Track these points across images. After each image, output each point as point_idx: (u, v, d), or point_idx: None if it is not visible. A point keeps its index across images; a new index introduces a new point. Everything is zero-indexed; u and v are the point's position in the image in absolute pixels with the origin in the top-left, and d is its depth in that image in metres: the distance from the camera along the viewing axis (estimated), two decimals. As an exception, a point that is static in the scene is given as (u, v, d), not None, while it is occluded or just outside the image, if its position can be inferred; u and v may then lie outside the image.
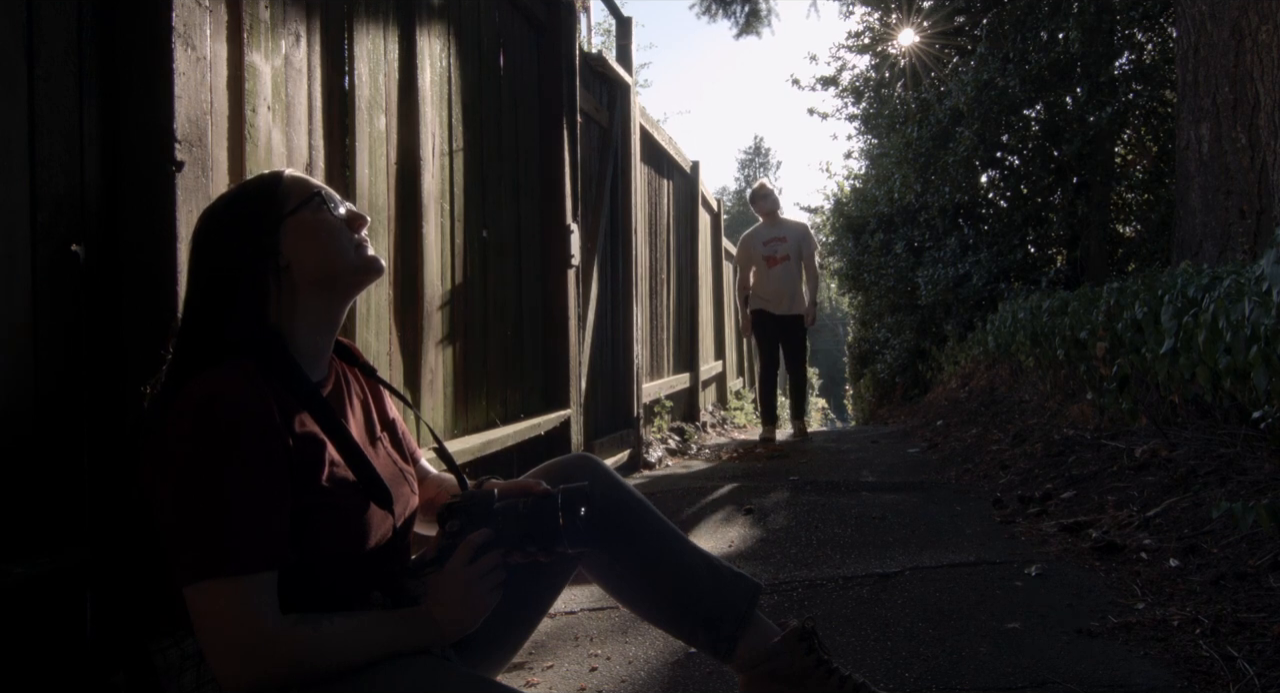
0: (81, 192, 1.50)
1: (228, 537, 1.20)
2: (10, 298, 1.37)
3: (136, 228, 1.57)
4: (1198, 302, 3.05)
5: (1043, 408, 5.19)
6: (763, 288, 7.01)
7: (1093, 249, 8.73)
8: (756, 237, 7.15)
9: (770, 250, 7.00)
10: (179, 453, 1.23)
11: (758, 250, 7.07)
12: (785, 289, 6.91)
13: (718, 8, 11.17)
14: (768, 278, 6.98)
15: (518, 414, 3.68)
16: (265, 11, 2.05)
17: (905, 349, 10.83)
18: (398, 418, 1.66)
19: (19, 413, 1.38)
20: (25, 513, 1.39)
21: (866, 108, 11.60)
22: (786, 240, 6.99)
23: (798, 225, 7.15)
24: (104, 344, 1.53)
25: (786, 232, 7.05)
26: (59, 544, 1.44)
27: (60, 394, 1.45)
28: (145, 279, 1.55)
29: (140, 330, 1.54)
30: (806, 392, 7.30)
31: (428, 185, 2.89)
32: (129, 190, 1.57)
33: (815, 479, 4.57)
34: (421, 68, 2.88)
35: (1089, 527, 3.00)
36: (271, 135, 2.06)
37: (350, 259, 1.42)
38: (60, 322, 1.46)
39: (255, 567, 1.21)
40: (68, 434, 1.47)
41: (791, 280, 6.92)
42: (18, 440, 1.38)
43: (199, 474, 1.21)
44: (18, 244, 1.38)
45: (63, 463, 1.46)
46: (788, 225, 7.11)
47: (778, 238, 7.01)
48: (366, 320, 2.47)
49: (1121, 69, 8.63)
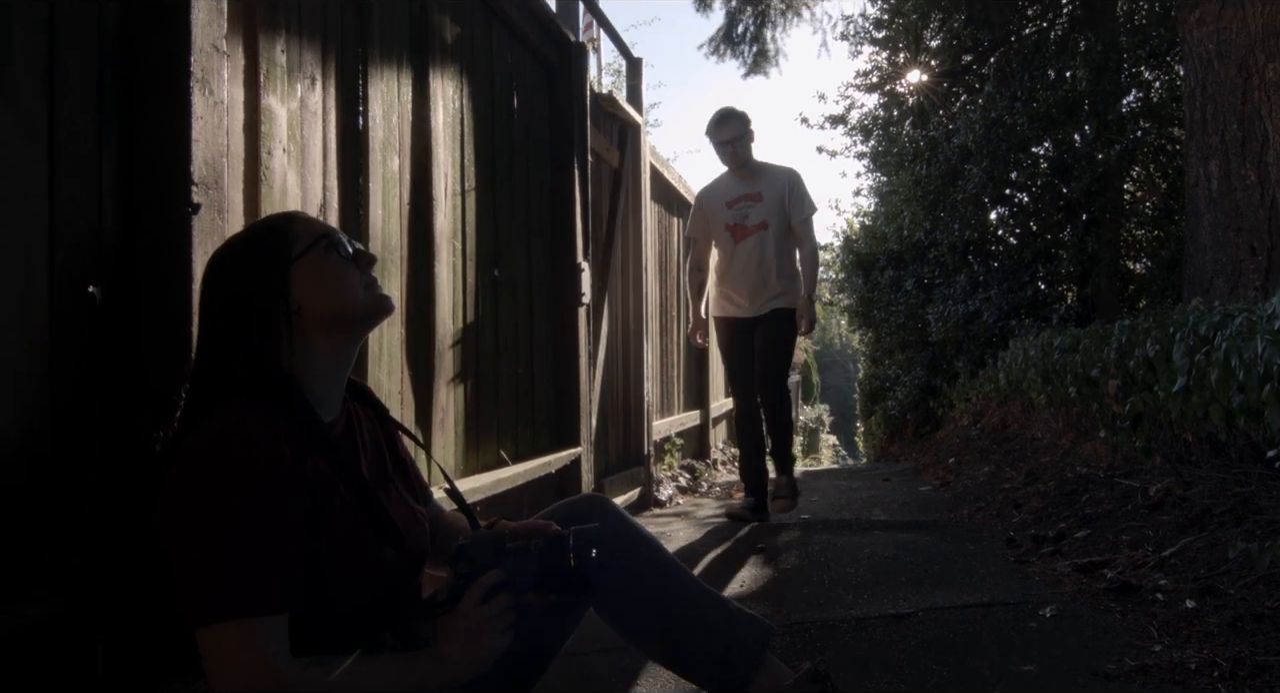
0: (99, 233, 1.52)
1: (238, 579, 1.20)
2: (27, 339, 1.38)
3: (152, 270, 1.58)
4: (1210, 339, 3.04)
5: (1055, 446, 5.16)
6: (726, 276, 4.61)
7: (1103, 286, 8.72)
8: (716, 194, 4.67)
9: (737, 215, 4.55)
10: (190, 494, 1.23)
11: (718, 215, 4.60)
12: (760, 276, 4.51)
13: (726, 48, 11.30)
14: (733, 260, 4.56)
15: (529, 452, 3.68)
16: (281, 56, 2.08)
17: (916, 386, 10.79)
18: (409, 457, 1.66)
19: (33, 454, 1.39)
20: (37, 552, 1.40)
21: (875, 146, 11.66)
22: (762, 199, 4.52)
23: (781, 172, 4.61)
24: (119, 385, 1.54)
25: (763, 185, 4.55)
26: (71, 584, 1.44)
27: (73, 435, 1.46)
28: (161, 321, 1.56)
29: (154, 372, 1.55)
30: (791, 425, 4.72)
31: (440, 225, 2.91)
32: (145, 232, 1.59)
33: (827, 518, 4.54)
34: (434, 109, 2.91)
35: (1104, 567, 2.97)
36: (287, 177, 2.08)
37: (360, 300, 1.43)
38: (76, 363, 1.47)
39: (266, 609, 1.21)
40: (81, 474, 1.47)
41: (771, 262, 4.51)
42: (32, 480, 1.38)
43: (210, 515, 1.21)
44: (35, 285, 1.39)
45: (75, 503, 1.46)
46: (766, 174, 4.60)
47: (749, 196, 4.56)
48: (378, 359, 2.47)
49: (1129, 107, 8.67)
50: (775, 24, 11.18)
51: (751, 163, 4.59)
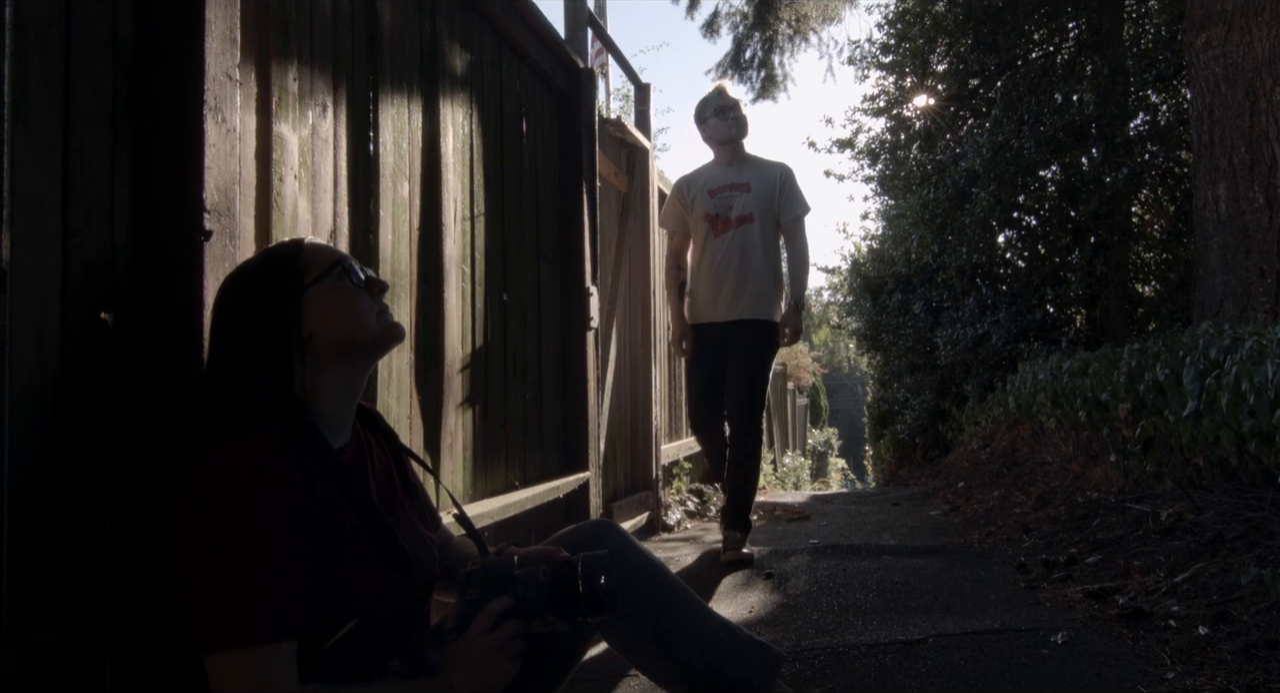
0: (111, 260, 1.53)
1: (248, 605, 1.20)
2: (40, 365, 1.38)
3: (164, 295, 1.59)
4: (1220, 363, 3.03)
5: (1065, 470, 5.14)
6: (698, 273, 4.21)
7: (1112, 309, 8.71)
8: (698, 180, 4.28)
9: (720, 204, 4.16)
10: (200, 520, 1.23)
11: (699, 203, 4.20)
12: (739, 276, 4.08)
13: (734, 73, 11.39)
14: (708, 254, 4.15)
15: (537, 477, 3.68)
16: (293, 83, 2.10)
17: (925, 409, 10.76)
18: (419, 483, 1.67)
19: (45, 478, 1.39)
20: (47, 573, 1.40)
21: (883, 169, 11.69)
22: (750, 189, 4.15)
23: (774, 165, 4.28)
24: (130, 411, 1.55)
25: (752, 175, 4.19)
26: (81, 609, 1.44)
27: (85, 460, 1.47)
28: (172, 346, 1.57)
29: (166, 397, 1.56)
30: (757, 471, 4.21)
31: (449, 250, 2.93)
32: (157, 258, 1.60)
33: (836, 543, 4.53)
34: (444, 135, 2.93)
35: (1115, 593, 2.95)
36: (298, 203, 2.10)
37: (372, 327, 1.44)
38: (87, 389, 1.47)
39: (275, 635, 1.21)
40: (92, 499, 1.48)
41: (753, 261, 4.09)
42: (43, 505, 1.39)
43: (219, 541, 1.22)
44: (48, 311, 1.40)
45: (86, 528, 1.47)
46: (757, 165, 4.26)
47: (736, 184, 4.17)
48: (388, 384, 2.48)
49: (1137, 130, 8.68)
50: (782, 49, 11.27)
51: (742, 150, 4.27)
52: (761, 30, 11.02)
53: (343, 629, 1.33)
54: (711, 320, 4.14)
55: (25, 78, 1.36)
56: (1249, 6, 4.83)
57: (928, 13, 10.30)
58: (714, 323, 4.14)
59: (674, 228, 4.37)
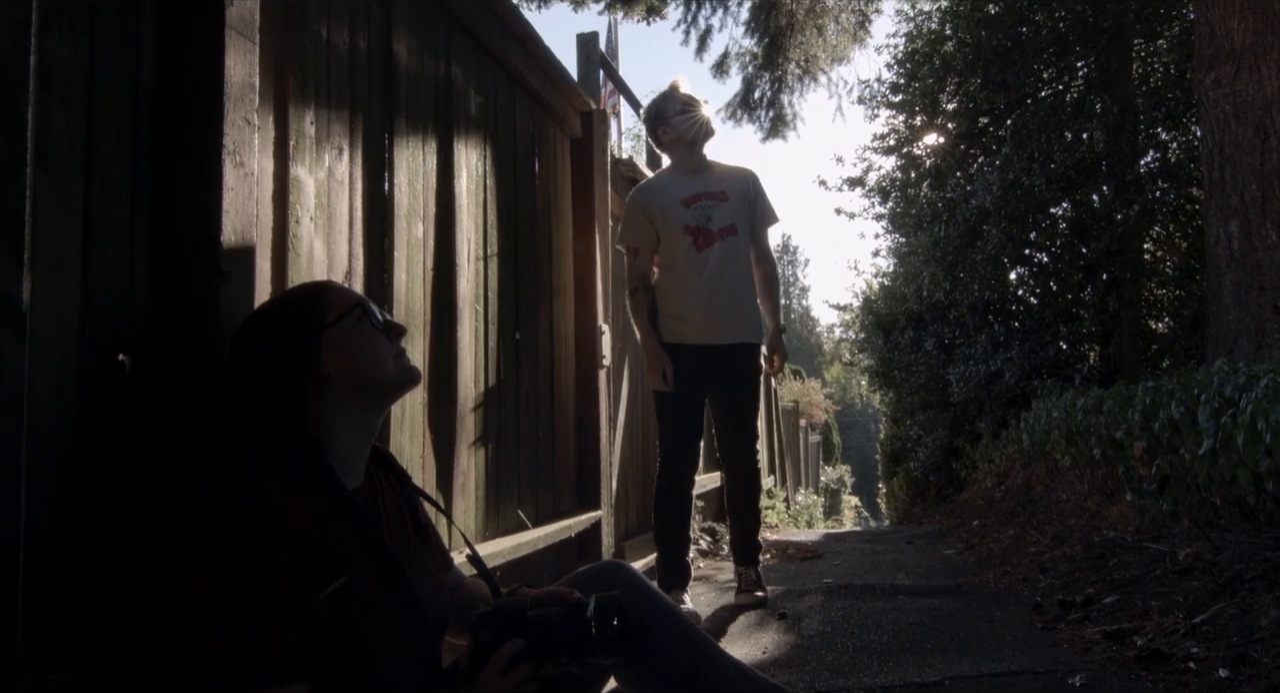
0: (130, 302, 1.55)
1: (261, 647, 1.20)
2: (58, 406, 1.40)
3: (181, 337, 1.60)
4: (1235, 401, 3.02)
5: (1081, 508, 5.10)
6: (682, 292, 3.73)
7: (1126, 346, 8.68)
8: (666, 191, 3.81)
9: (698, 215, 3.72)
10: (213, 561, 1.24)
11: (672, 215, 3.73)
12: (732, 293, 3.72)
13: (744, 113, 11.47)
14: (694, 271, 3.70)
15: (549, 516, 3.67)
16: (310, 127, 2.13)
17: (938, 447, 10.71)
18: (431, 523, 1.67)
19: (62, 519, 1.40)
20: (63, 618, 1.40)
21: (893, 207, 11.73)
22: (728, 198, 3.78)
23: (742, 171, 3.93)
24: (145, 451, 1.55)
25: (722, 183, 3.82)
26: (96, 650, 1.44)
27: (102, 501, 1.47)
28: (189, 388, 1.58)
29: (182, 439, 1.57)
30: (760, 494, 3.97)
31: (463, 290, 2.95)
32: (175, 300, 1.61)
33: (850, 582, 4.49)
34: (458, 176, 2.96)
35: (1134, 634, 2.92)
36: (313, 245, 2.12)
37: (389, 370, 1.45)
38: (104, 430, 1.48)
39: (287, 677, 1.21)
40: (108, 540, 1.48)
41: (745, 275, 3.78)
42: (60, 546, 1.39)
43: (233, 582, 1.22)
44: (68, 354, 1.42)
45: (103, 570, 1.47)
46: (723, 172, 3.89)
47: (710, 193, 3.77)
48: (400, 424, 2.49)
49: (1147, 167, 8.71)
50: (792, 89, 11.36)
51: (706, 162, 3.87)
52: (770, 70, 11.11)
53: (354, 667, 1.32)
54: (694, 342, 3.71)
55: (48, 125, 1.39)
56: (1258, 45, 4.86)
57: (937, 52, 10.39)
58: (694, 345, 3.71)
59: (639, 244, 3.80)
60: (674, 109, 3.77)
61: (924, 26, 11.11)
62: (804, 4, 10.54)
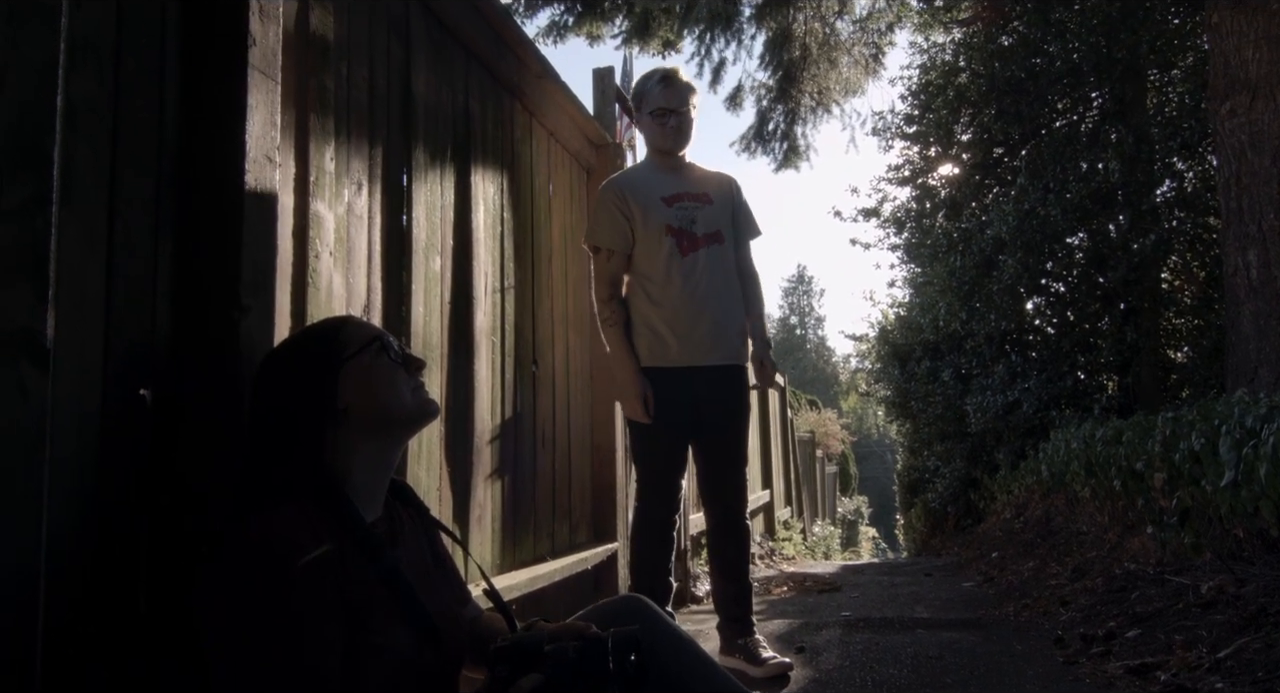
0: (151, 337, 1.56)
1: (278, 680, 1.20)
2: (80, 440, 1.41)
3: (201, 371, 1.62)
4: (1256, 432, 2.99)
5: (1101, 540, 5.05)
6: (663, 303, 3.20)
7: (1144, 375, 8.63)
8: (645, 186, 3.30)
9: (681, 216, 3.25)
10: (231, 594, 1.24)
11: (654, 214, 3.23)
12: (722, 307, 3.25)
13: (757, 145, 11.53)
14: (677, 278, 3.19)
15: (565, 548, 3.66)
16: (330, 163, 2.16)
17: (956, 478, 10.64)
18: (448, 556, 1.67)
19: (83, 554, 1.41)
20: (83, 653, 1.40)
21: (909, 237, 11.74)
22: (712, 202, 3.33)
23: (723, 176, 3.47)
24: (165, 483, 1.56)
25: (707, 186, 3.37)
26: (114, 685, 1.44)
27: (123, 536, 1.48)
28: (209, 421, 1.59)
29: (202, 472, 1.58)
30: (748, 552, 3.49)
31: (480, 322, 2.96)
32: (195, 334, 1.63)
33: (869, 616, 4.45)
34: (475, 209, 2.99)
35: (1157, 669, 2.88)
36: (333, 279, 2.14)
37: (407, 404, 1.45)
38: (125, 462, 1.49)
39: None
40: (130, 576, 1.49)
41: (731, 290, 3.31)
42: (81, 581, 1.40)
43: (251, 614, 1.22)
44: (90, 388, 1.43)
45: (123, 605, 1.47)
46: (704, 174, 3.42)
47: (693, 194, 3.31)
48: (418, 456, 2.49)
49: (1163, 197, 8.70)
50: (805, 121, 11.40)
51: (684, 162, 3.40)
52: (784, 103, 11.17)
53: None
54: (677, 364, 3.19)
55: (73, 162, 1.41)
56: (1273, 75, 4.87)
57: (951, 84, 10.43)
58: (677, 368, 3.19)
59: (613, 245, 3.25)
60: (649, 126, 3.34)
61: (938, 58, 11.17)
62: (817, 37, 10.61)
